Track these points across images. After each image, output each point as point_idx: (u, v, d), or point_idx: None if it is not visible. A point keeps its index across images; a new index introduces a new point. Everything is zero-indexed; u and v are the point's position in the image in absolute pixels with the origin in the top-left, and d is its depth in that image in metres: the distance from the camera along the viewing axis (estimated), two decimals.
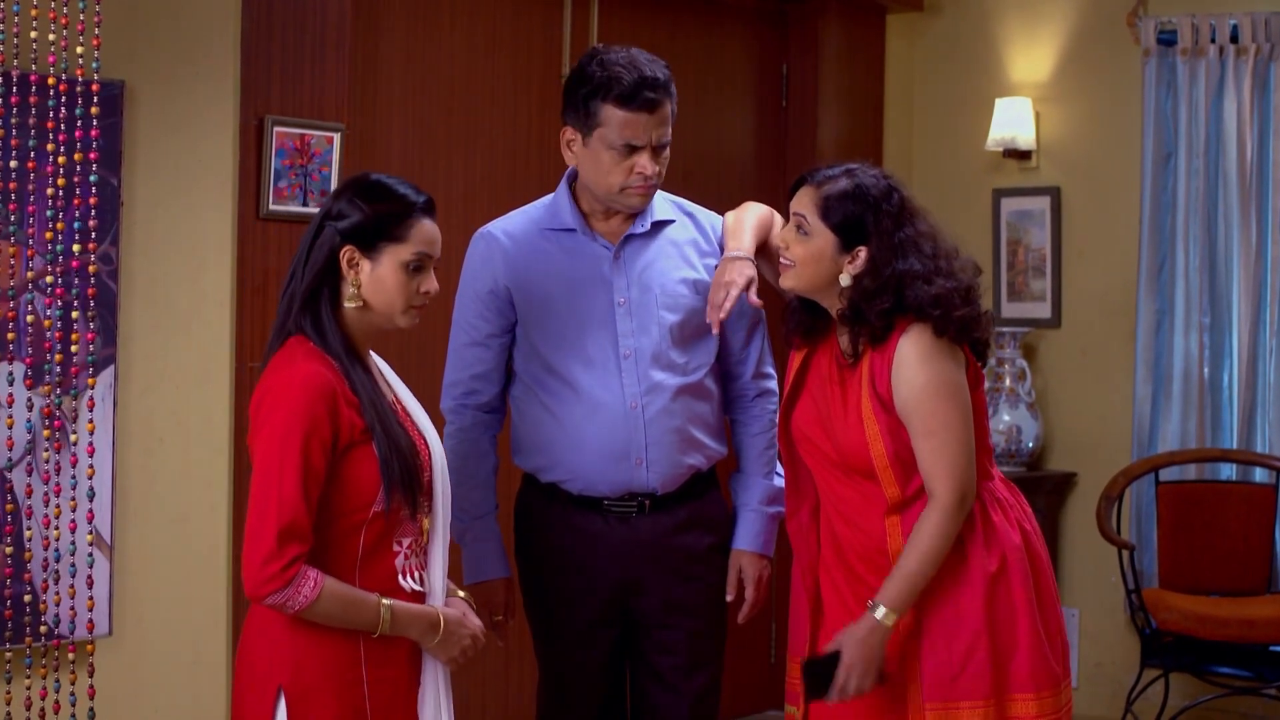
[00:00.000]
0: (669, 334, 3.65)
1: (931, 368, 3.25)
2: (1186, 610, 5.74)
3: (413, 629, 3.00)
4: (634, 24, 5.93)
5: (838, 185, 3.33)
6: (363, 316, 3.04)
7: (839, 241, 3.31)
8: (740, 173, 6.42)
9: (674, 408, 3.64)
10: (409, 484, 2.98)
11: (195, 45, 4.53)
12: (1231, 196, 6.17)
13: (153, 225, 4.44)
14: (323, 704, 2.94)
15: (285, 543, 2.84)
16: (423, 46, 5.33)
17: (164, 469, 4.49)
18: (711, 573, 3.76)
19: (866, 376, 3.28)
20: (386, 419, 2.99)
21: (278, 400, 2.93)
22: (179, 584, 4.53)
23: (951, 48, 6.94)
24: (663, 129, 3.56)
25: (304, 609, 2.87)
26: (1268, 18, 6.10)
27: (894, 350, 3.26)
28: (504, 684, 5.58)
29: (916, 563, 3.20)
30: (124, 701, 4.38)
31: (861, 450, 3.27)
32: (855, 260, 3.30)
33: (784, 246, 3.37)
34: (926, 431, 3.23)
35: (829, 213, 3.32)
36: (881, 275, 3.26)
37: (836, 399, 3.34)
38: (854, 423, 3.29)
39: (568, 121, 3.61)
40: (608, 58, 3.56)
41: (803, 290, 3.36)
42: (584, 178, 3.63)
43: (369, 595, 2.95)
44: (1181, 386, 6.28)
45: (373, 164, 5.06)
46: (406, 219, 3.03)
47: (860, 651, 3.20)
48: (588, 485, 3.64)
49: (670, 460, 3.64)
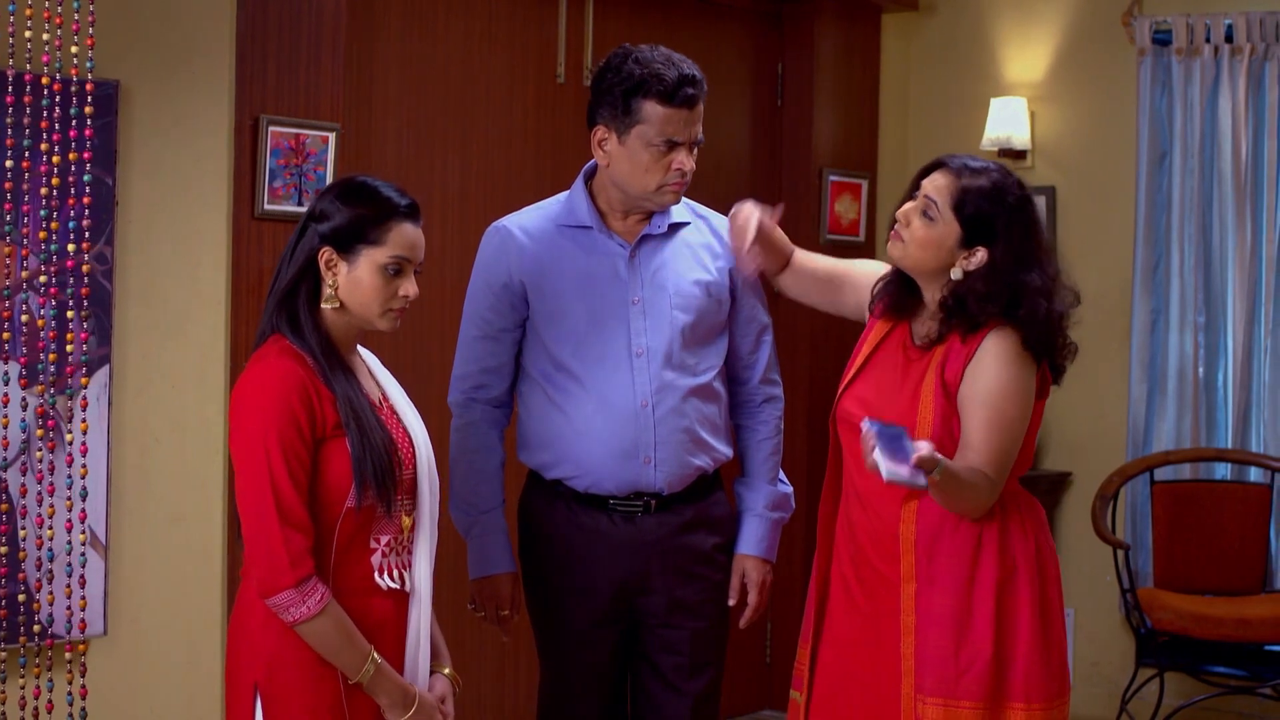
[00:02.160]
0: (681, 334, 3.66)
1: (1010, 372, 3.25)
2: (1181, 610, 5.74)
3: (386, 696, 2.99)
4: (629, 23, 5.93)
5: (978, 181, 3.30)
6: (341, 317, 3.05)
7: (963, 235, 3.29)
8: (736, 172, 6.42)
9: (684, 408, 3.65)
10: (383, 481, 2.97)
11: (190, 45, 4.52)
12: (1226, 196, 6.17)
13: (147, 225, 4.44)
14: (297, 700, 2.94)
15: (291, 537, 2.87)
16: (418, 46, 5.33)
17: (158, 469, 4.48)
18: (716, 573, 3.76)
19: (938, 361, 3.28)
20: (362, 415, 2.98)
21: (251, 400, 2.95)
22: (173, 584, 4.52)
23: (947, 47, 6.94)
24: (698, 126, 3.60)
25: (302, 621, 2.88)
26: (1262, 17, 6.11)
27: (976, 345, 3.25)
28: (500, 683, 5.58)
29: (963, 471, 3.16)
30: (118, 701, 4.37)
31: (909, 423, 3.23)
32: (972, 257, 3.29)
33: (903, 222, 3.33)
34: (986, 426, 3.22)
35: (963, 205, 3.29)
36: (999, 280, 3.25)
37: (897, 375, 3.34)
38: (908, 399, 3.28)
39: (601, 120, 3.61)
40: (644, 55, 3.58)
41: (906, 267, 3.35)
42: (617, 176, 3.63)
43: (362, 640, 2.94)
44: (1176, 386, 6.29)
45: (368, 163, 5.06)
46: (384, 222, 3.02)
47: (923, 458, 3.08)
48: (594, 483, 3.64)
49: (678, 460, 3.65)
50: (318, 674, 2.95)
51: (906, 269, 3.37)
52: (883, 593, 3.33)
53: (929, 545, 3.28)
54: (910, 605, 3.27)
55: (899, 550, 3.27)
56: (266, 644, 2.96)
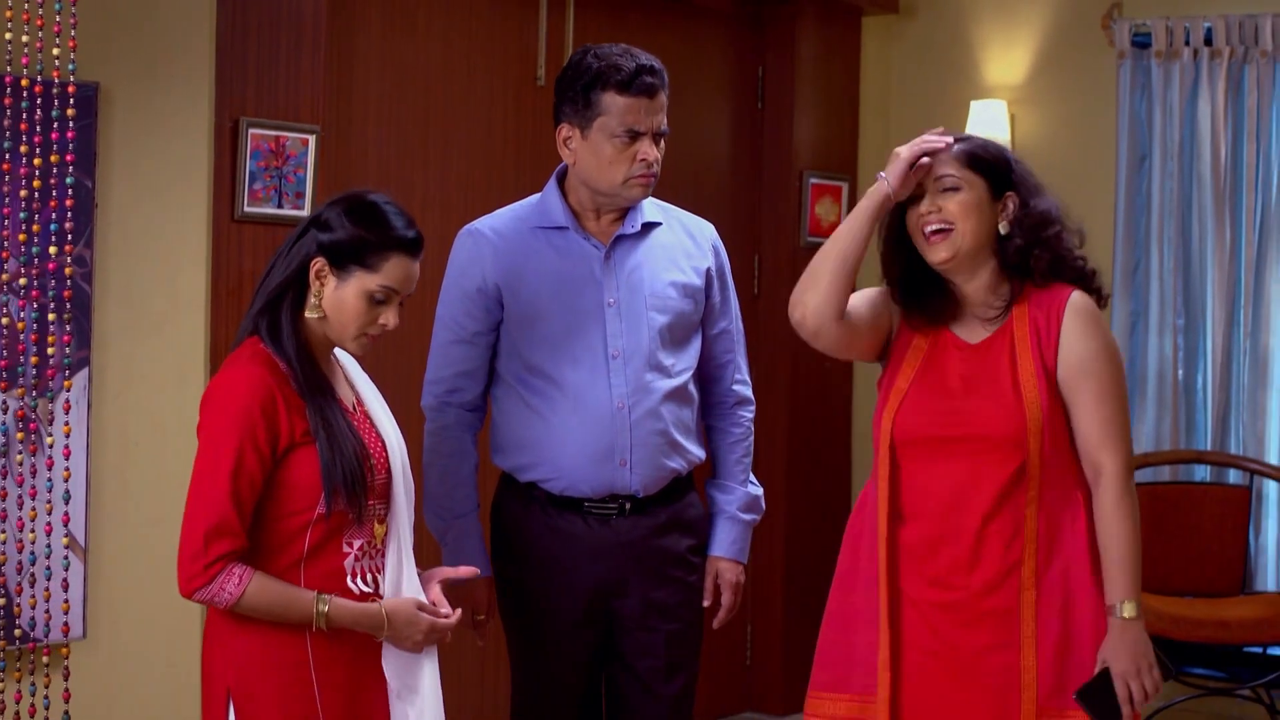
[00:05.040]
0: (658, 336, 3.66)
1: (1104, 332, 3.24)
2: (1161, 611, 5.75)
3: (356, 625, 2.99)
4: (610, 26, 5.93)
5: (965, 143, 3.30)
6: (321, 326, 3.05)
7: (990, 187, 3.27)
8: (716, 175, 6.42)
9: (659, 410, 3.65)
10: (353, 489, 2.97)
11: (170, 47, 4.51)
12: (1206, 198, 6.19)
13: (127, 227, 4.43)
14: (268, 706, 2.95)
15: (212, 541, 2.88)
16: (399, 48, 5.32)
17: (138, 472, 4.47)
18: (690, 574, 3.76)
19: (1028, 339, 3.23)
20: (332, 423, 2.98)
21: (216, 403, 2.98)
22: (153, 587, 4.51)
23: (927, 50, 6.95)
24: (661, 116, 3.60)
25: (232, 604, 2.90)
26: (1241, 20, 6.13)
27: (1061, 311, 3.22)
28: (479, 688, 5.57)
29: (1126, 544, 3.14)
30: (98, 704, 4.36)
31: (1015, 414, 3.18)
32: (1007, 208, 3.27)
33: (934, 211, 3.26)
34: (1100, 397, 3.19)
35: (974, 162, 3.27)
36: (1038, 219, 3.25)
37: (977, 370, 3.26)
38: (1004, 386, 3.21)
39: (564, 119, 3.62)
40: (602, 50, 3.61)
41: (967, 250, 3.25)
42: (584, 173, 3.63)
43: (303, 591, 2.95)
44: (1156, 388, 6.30)
45: (348, 165, 5.06)
46: (384, 251, 3.02)
47: (1129, 655, 3.12)
48: (569, 485, 3.63)
49: (653, 463, 3.65)
50: (290, 678, 2.96)
51: (962, 258, 3.26)
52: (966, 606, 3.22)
53: (1046, 549, 3.21)
54: (1031, 614, 3.19)
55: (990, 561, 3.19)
56: (238, 649, 2.97)
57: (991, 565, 3.20)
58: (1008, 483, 3.19)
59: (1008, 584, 3.19)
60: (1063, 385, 3.21)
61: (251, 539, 2.95)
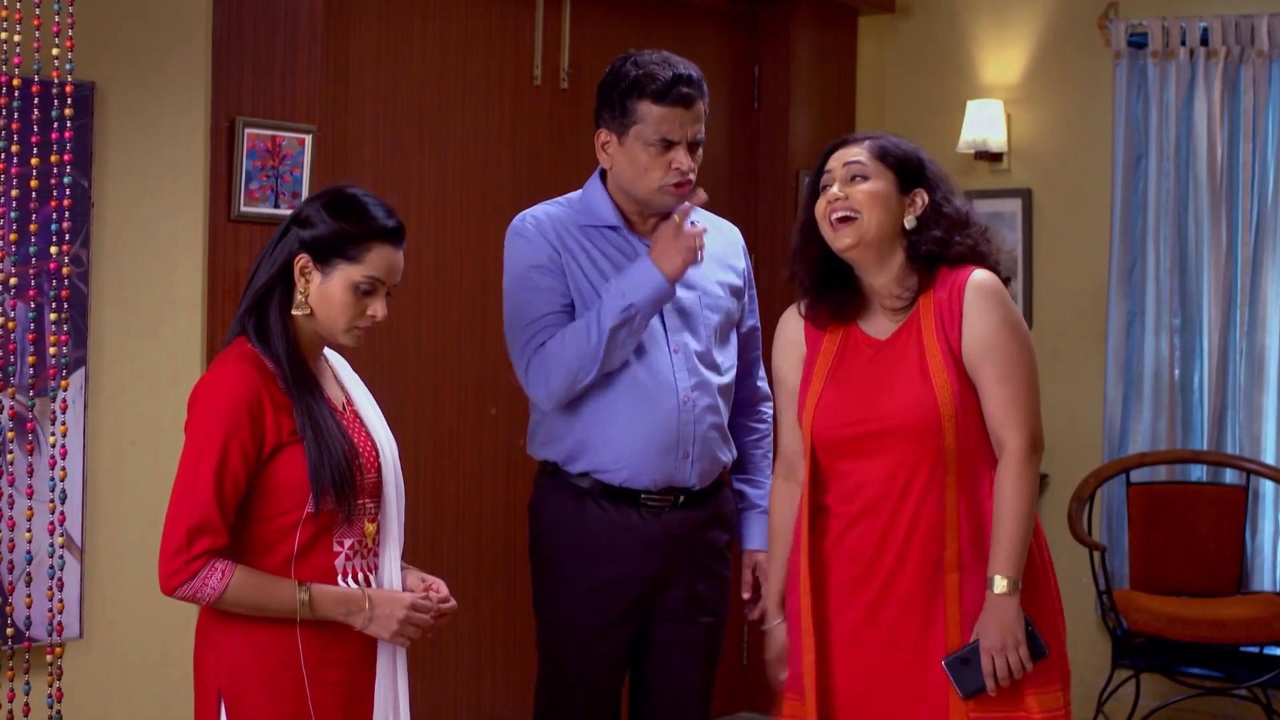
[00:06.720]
0: (713, 334, 3.73)
1: (1006, 308, 3.26)
2: (1157, 611, 5.76)
3: (336, 609, 2.99)
4: (606, 26, 5.93)
5: (880, 139, 3.36)
6: (310, 324, 3.05)
7: (898, 182, 3.31)
8: (712, 174, 6.41)
9: (717, 405, 3.71)
10: (341, 489, 2.97)
11: (166, 46, 4.51)
12: (1202, 198, 6.19)
13: (123, 227, 4.43)
14: (259, 707, 2.95)
15: (194, 538, 2.89)
16: (394, 48, 5.32)
17: (134, 472, 4.47)
18: (725, 568, 3.83)
19: (932, 325, 3.25)
20: (320, 423, 2.98)
21: (203, 401, 2.98)
22: (149, 587, 4.45)
23: (923, 50, 6.95)
24: (697, 125, 3.63)
25: (215, 599, 2.91)
26: (1237, 20, 6.13)
27: (962, 291, 3.24)
28: (476, 688, 5.56)
29: (1013, 521, 3.17)
30: (93, 704, 4.36)
31: (926, 402, 3.21)
32: (915, 204, 3.31)
33: (841, 198, 3.31)
34: (1001, 376, 3.22)
35: (886, 156, 3.32)
36: (947, 215, 3.29)
37: (886, 363, 3.29)
38: (913, 376, 3.24)
39: (602, 124, 3.67)
40: (641, 58, 3.63)
41: (870, 239, 3.29)
42: (620, 179, 3.67)
43: (284, 580, 2.95)
44: (1152, 388, 6.31)
45: (344, 165, 5.06)
46: (366, 241, 3.02)
47: (997, 631, 3.15)
48: (631, 476, 3.65)
49: (710, 456, 3.71)
50: (281, 680, 2.96)
51: (866, 245, 3.29)
52: (897, 596, 3.25)
53: (970, 532, 3.23)
54: (955, 596, 3.21)
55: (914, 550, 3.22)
56: (229, 649, 2.97)
57: (915, 553, 3.23)
58: (928, 470, 3.22)
59: (934, 570, 3.22)
60: (968, 365, 3.24)
61: (242, 538, 2.95)
